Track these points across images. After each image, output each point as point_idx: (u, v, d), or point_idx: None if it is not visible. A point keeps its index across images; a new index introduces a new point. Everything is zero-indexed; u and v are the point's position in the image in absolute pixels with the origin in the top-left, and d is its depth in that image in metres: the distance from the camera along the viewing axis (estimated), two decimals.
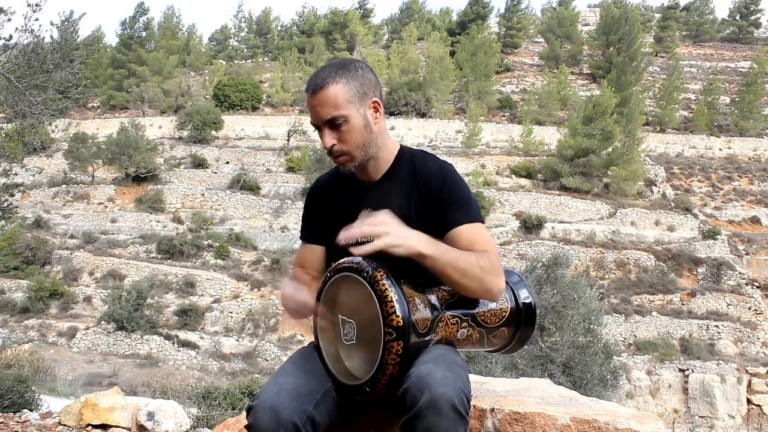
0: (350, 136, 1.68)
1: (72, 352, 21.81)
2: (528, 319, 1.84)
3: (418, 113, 39.36)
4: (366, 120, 1.69)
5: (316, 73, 1.69)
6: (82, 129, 35.64)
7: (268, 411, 1.47)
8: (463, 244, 1.65)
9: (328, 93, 1.64)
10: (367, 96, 1.69)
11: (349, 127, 1.67)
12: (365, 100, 1.69)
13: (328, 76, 1.65)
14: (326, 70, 1.67)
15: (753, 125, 38.81)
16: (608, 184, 31.24)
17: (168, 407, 4.90)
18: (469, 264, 1.59)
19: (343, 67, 1.68)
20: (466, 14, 54.88)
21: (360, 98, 1.67)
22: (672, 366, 21.72)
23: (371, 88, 1.71)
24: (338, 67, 1.68)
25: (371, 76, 1.72)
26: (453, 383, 1.43)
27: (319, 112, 1.66)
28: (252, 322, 23.85)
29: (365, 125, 1.69)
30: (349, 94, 1.66)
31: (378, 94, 1.73)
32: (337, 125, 1.66)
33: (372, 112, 1.71)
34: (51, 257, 26.70)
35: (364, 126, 1.69)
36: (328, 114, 1.65)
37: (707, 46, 56.76)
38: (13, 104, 6.30)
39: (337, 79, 1.65)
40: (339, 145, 1.68)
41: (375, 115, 1.72)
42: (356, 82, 1.67)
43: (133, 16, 46.02)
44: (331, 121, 1.66)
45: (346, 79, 1.66)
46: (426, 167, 1.76)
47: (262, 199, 30.79)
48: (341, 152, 1.70)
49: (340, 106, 1.65)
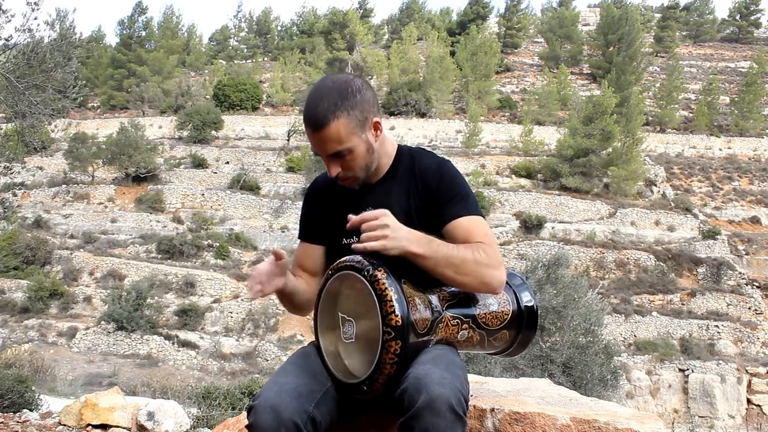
0: (355, 164, 1.67)
1: (72, 352, 21.81)
2: (530, 323, 1.84)
3: (418, 113, 39.35)
4: (369, 144, 1.68)
5: (314, 103, 1.61)
6: (82, 129, 35.61)
7: (268, 411, 1.47)
8: (460, 236, 1.64)
9: (330, 131, 1.61)
10: (368, 120, 1.66)
11: (353, 156, 1.66)
12: (366, 124, 1.66)
13: (327, 111, 1.59)
14: (324, 102, 1.60)
15: (753, 125, 38.83)
16: (608, 184, 31.25)
17: (168, 407, 4.90)
18: (463, 259, 1.58)
19: (341, 97, 1.60)
20: (466, 14, 54.91)
21: (362, 126, 1.65)
22: (672, 366, 21.72)
23: (371, 109, 1.67)
24: (336, 97, 1.60)
25: (369, 95, 1.67)
26: (451, 384, 1.43)
27: (323, 148, 1.65)
28: (252, 322, 23.85)
29: (368, 149, 1.68)
30: (351, 125, 1.62)
31: (377, 111, 1.70)
32: (342, 156, 1.65)
33: (373, 132, 1.69)
34: (51, 257, 26.69)
35: (367, 150, 1.68)
36: (332, 149, 1.64)
37: (707, 46, 56.77)
38: (13, 104, 6.30)
39: (338, 113, 1.60)
40: (344, 172, 1.68)
41: (376, 134, 1.70)
42: (356, 110, 1.62)
43: (130, 16, 46.06)
44: (336, 154, 1.65)
45: (347, 111, 1.61)
46: (424, 164, 1.75)
47: (262, 199, 30.79)
48: (346, 177, 1.70)
49: (344, 140, 1.62)
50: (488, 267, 1.60)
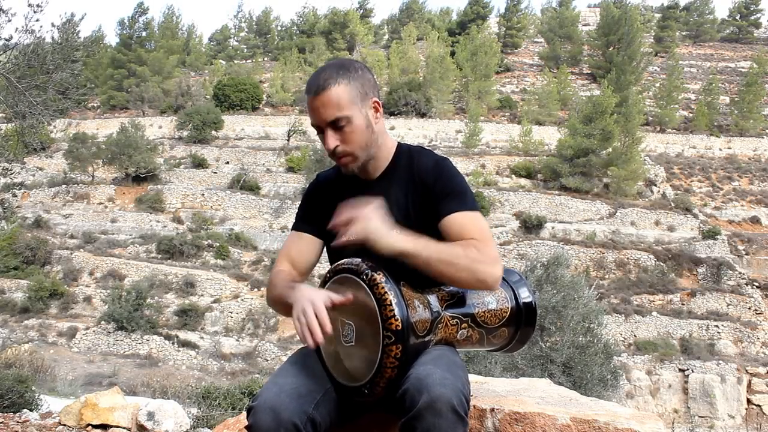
0: (353, 137, 1.67)
1: (72, 352, 21.80)
2: (528, 319, 1.83)
3: (418, 113, 39.35)
4: (368, 120, 1.69)
5: (316, 73, 1.68)
6: (82, 129, 35.64)
7: (268, 412, 1.47)
8: (454, 232, 1.63)
9: (330, 94, 1.63)
10: (368, 96, 1.69)
11: (352, 128, 1.66)
12: (366, 100, 1.68)
13: (329, 77, 1.64)
14: (327, 71, 1.66)
15: (753, 125, 38.82)
16: (608, 184, 31.24)
17: (168, 407, 4.90)
18: (454, 256, 1.55)
19: (343, 68, 1.67)
20: (466, 14, 54.91)
21: (362, 99, 1.67)
22: (672, 366, 21.71)
23: (371, 88, 1.70)
24: (339, 68, 1.66)
25: (370, 76, 1.72)
26: (452, 384, 1.43)
27: (322, 114, 1.65)
28: (252, 322, 23.85)
29: (367, 125, 1.69)
30: (352, 94, 1.65)
31: (377, 94, 1.73)
32: (340, 127, 1.65)
33: (373, 112, 1.71)
34: (51, 257, 26.69)
35: (366, 126, 1.68)
36: (331, 115, 1.64)
37: (707, 46, 56.77)
38: (13, 104, 6.30)
39: (339, 80, 1.64)
40: (342, 146, 1.67)
41: (376, 115, 1.72)
42: (357, 82, 1.67)
43: (132, 16, 46.07)
44: (334, 122, 1.65)
45: (348, 80, 1.65)
46: (422, 162, 1.75)
47: (262, 199, 30.79)
48: (344, 153, 1.68)
49: (343, 107, 1.64)
50: (482, 263, 1.57)
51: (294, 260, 1.80)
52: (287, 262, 1.80)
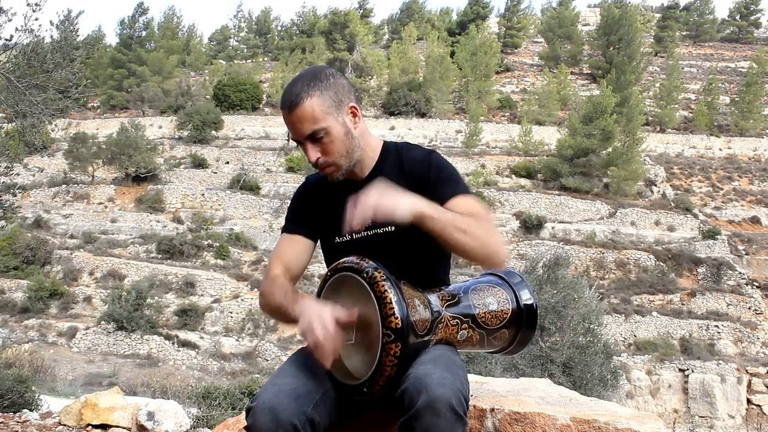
0: (333, 147, 1.66)
1: (72, 352, 21.81)
2: (529, 321, 1.82)
3: (418, 113, 39.35)
4: (346, 127, 1.68)
5: (288, 88, 1.66)
6: (82, 129, 35.64)
7: (267, 412, 1.47)
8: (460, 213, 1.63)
9: (304, 108, 1.62)
10: (343, 103, 1.67)
11: (330, 138, 1.65)
12: (342, 107, 1.67)
13: (301, 90, 1.62)
14: (298, 84, 1.64)
15: (753, 125, 38.83)
16: (608, 184, 31.25)
17: (168, 407, 4.91)
18: (469, 225, 1.55)
19: (315, 78, 1.65)
20: (466, 14, 54.94)
21: (336, 107, 1.66)
22: (672, 366, 21.71)
23: (346, 93, 1.69)
24: (310, 79, 1.64)
25: (344, 81, 1.70)
26: (451, 384, 1.43)
27: (299, 129, 1.64)
28: (252, 322, 23.85)
29: (346, 133, 1.68)
30: (326, 105, 1.63)
31: (353, 98, 1.72)
32: (319, 138, 1.65)
33: (350, 117, 1.70)
34: (51, 257, 26.70)
35: (345, 134, 1.67)
36: (308, 129, 1.64)
37: (707, 46, 56.78)
38: (14, 104, 6.29)
39: (311, 92, 1.62)
40: (323, 157, 1.67)
41: (354, 120, 1.71)
42: (330, 91, 1.65)
43: (132, 16, 46.10)
44: (312, 135, 1.64)
45: (320, 91, 1.63)
46: (412, 155, 1.76)
47: (262, 199, 30.81)
48: (326, 164, 1.68)
49: (319, 119, 1.63)
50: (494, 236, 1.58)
51: (287, 263, 1.79)
52: (281, 265, 1.79)
